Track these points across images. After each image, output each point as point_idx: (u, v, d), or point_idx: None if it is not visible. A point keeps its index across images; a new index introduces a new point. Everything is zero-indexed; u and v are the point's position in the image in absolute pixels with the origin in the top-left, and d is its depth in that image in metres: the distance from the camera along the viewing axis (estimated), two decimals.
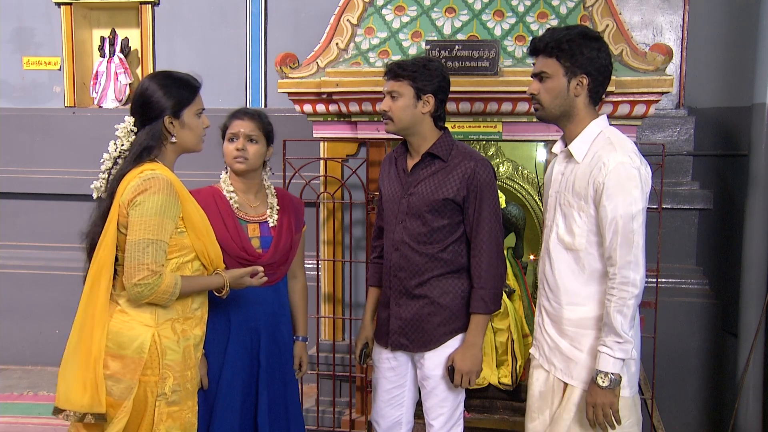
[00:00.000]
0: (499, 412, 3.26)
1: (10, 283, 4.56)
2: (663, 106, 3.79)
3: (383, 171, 2.46)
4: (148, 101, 2.06)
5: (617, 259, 1.94)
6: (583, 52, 2.03)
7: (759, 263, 3.26)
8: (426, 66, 2.26)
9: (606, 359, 1.94)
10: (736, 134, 3.63)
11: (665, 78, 2.89)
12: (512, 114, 3.00)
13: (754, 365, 3.26)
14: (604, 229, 1.96)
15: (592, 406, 1.96)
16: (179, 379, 2.04)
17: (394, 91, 2.26)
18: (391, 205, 2.35)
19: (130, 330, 1.99)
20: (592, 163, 2.00)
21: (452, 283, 2.30)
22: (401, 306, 2.33)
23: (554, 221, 2.10)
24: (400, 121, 2.27)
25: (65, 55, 4.62)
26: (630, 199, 1.94)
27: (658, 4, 3.90)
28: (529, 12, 3.17)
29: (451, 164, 2.28)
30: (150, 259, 1.93)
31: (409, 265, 2.30)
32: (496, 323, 3.47)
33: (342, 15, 3.26)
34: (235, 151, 2.35)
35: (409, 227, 2.29)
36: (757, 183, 3.26)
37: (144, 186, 1.95)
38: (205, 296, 2.16)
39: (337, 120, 3.21)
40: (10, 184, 4.57)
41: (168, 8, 4.56)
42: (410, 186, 2.31)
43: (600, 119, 2.08)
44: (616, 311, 1.93)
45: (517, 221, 3.55)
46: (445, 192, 2.26)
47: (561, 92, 2.05)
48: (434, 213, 2.27)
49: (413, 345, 2.33)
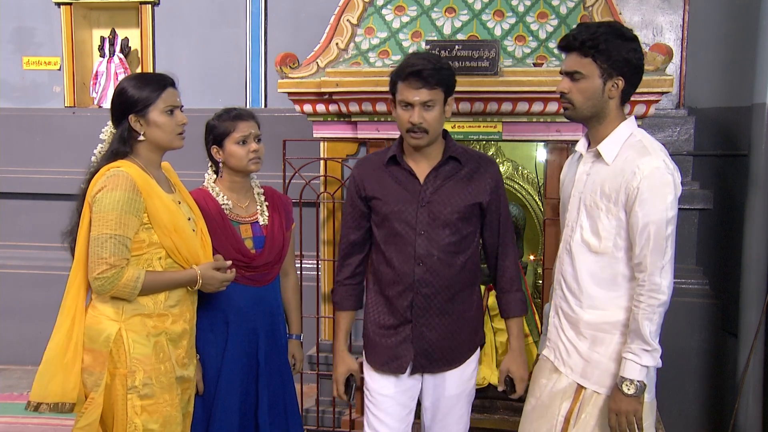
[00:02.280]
0: (499, 412, 3.25)
1: (10, 283, 4.56)
2: (663, 106, 3.79)
3: (367, 178, 2.23)
4: (115, 102, 2.14)
5: (648, 265, 1.91)
6: (620, 53, 1.96)
7: (759, 263, 3.26)
8: (448, 68, 2.14)
9: (632, 366, 1.91)
10: (736, 134, 3.62)
11: (665, 78, 2.88)
12: (512, 114, 2.99)
13: (754, 365, 3.25)
14: (635, 234, 1.92)
15: (616, 414, 1.93)
16: (151, 373, 2.06)
17: (430, 101, 2.09)
18: (402, 216, 2.16)
19: (98, 324, 2.06)
20: (624, 166, 1.95)
21: (472, 294, 2.23)
22: (428, 326, 2.17)
23: (578, 222, 2.05)
24: (435, 132, 2.13)
25: (65, 55, 4.63)
26: (664, 204, 1.91)
27: (658, 4, 3.89)
28: (529, 12, 3.17)
29: (469, 167, 2.19)
30: (108, 253, 1.98)
31: (437, 280, 2.15)
32: (496, 323, 3.46)
33: (342, 15, 3.26)
34: (251, 154, 2.37)
35: (436, 238, 2.14)
36: (757, 183, 3.26)
37: (104, 183, 2.03)
38: (184, 294, 2.17)
39: (337, 120, 3.20)
40: (10, 184, 4.57)
41: (168, 8, 4.56)
42: (426, 193, 2.15)
43: (630, 120, 2.04)
44: (644, 318, 1.90)
45: (517, 221, 3.54)
46: (477, 196, 2.16)
47: (595, 93, 1.98)
48: (464, 220, 2.16)
49: (436, 365, 2.20)
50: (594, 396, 2.01)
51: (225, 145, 2.38)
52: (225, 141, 2.38)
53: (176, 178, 2.33)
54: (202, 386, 2.34)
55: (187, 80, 4.40)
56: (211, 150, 2.43)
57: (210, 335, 2.35)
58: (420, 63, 2.09)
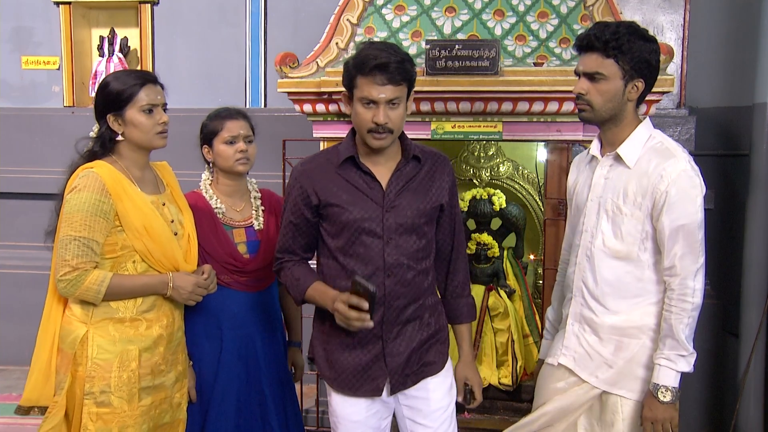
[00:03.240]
0: (500, 412, 3.25)
1: (10, 283, 4.55)
2: (663, 106, 3.77)
3: (317, 183, 1.97)
4: (96, 100, 2.09)
5: (681, 270, 1.89)
6: (642, 54, 1.91)
7: (760, 263, 3.25)
8: (410, 60, 1.93)
9: (667, 373, 1.88)
10: (737, 134, 3.61)
11: (666, 77, 2.87)
12: (512, 114, 2.99)
13: (755, 366, 3.25)
14: (664, 238, 1.90)
15: (651, 422, 1.89)
16: (110, 381, 1.99)
17: (396, 98, 1.89)
18: (366, 224, 1.94)
19: (69, 324, 2.04)
20: (649, 170, 1.92)
21: (436, 301, 2.09)
22: (396, 339, 1.98)
23: (598, 228, 2.01)
24: (399, 131, 1.96)
25: (64, 54, 4.61)
26: (695, 207, 1.90)
27: (658, 4, 3.88)
28: (529, 11, 3.16)
29: (427, 166, 2.02)
30: (70, 256, 1.95)
31: (406, 290, 1.97)
32: (496, 323, 3.46)
33: (342, 14, 3.25)
34: (238, 154, 2.31)
35: (404, 245, 1.95)
36: (758, 183, 3.25)
37: (75, 184, 2.00)
38: (160, 298, 2.09)
39: (337, 120, 3.19)
40: (9, 184, 4.56)
41: (167, 8, 4.54)
42: (390, 197, 1.96)
43: (647, 122, 2.01)
44: (678, 322, 1.88)
45: (517, 221, 3.54)
46: (439, 197, 2.02)
47: (616, 95, 1.93)
48: (428, 223, 2.01)
49: (416, 377, 2.02)
50: (619, 401, 1.98)
51: (214, 145, 2.34)
52: (214, 140, 2.34)
53: (170, 178, 2.27)
54: (195, 393, 2.29)
55: (186, 80, 4.41)
56: (202, 149, 2.39)
57: (204, 341, 2.32)
58: (383, 55, 1.85)
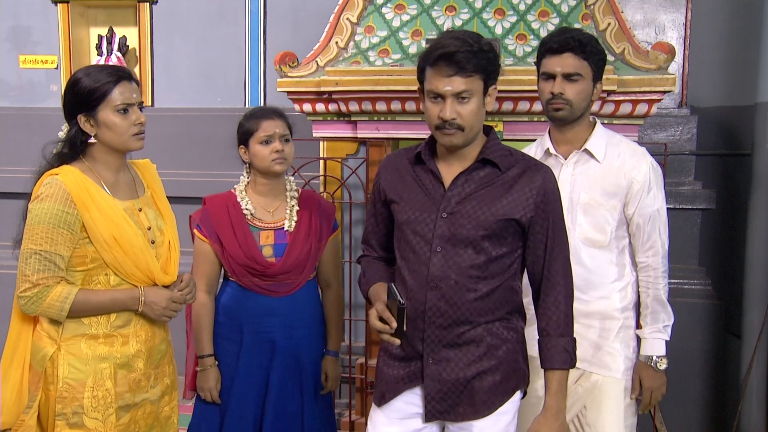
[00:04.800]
0: None
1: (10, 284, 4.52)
2: (665, 105, 3.76)
3: (389, 177, 1.87)
4: (65, 99, 1.91)
5: (660, 248, 2.12)
6: (603, 59, 2.10)
7: (762, 263, 3.23)
8: (490, 49, 1.73)
9: (661, 344, 2.13)
10: (739, 133, 3.60)
11: (667, 77, 2.86)
12: (513, 113, 2.98)
13: (757, 367, 3.23)
14: (644, 222, 2.10)
15: (651, 391, 2.12)
16: (83, 402, 1.84)
17: (466, 91, 1.69)
18: (417, 227, 1.77)
19: (39, 341, 1.90)
20: (620, 163, 2.10)
21: (507, 329, 1.81)
22: (441, 363, 1.77)
23: (575, 221, 2.12)
24: (473, 129, 1.74)
25: (62, 53, 4.59)
26: (663, 193, 2.15)
27: (660, 2, 3.87)
28: (530, 10, 3.14)
29: (511, 174, 1.77)
30: (30, 271, 1.80)
31: (452, 310, 1.74)
32: None
33: (342, 13, 3.23)
34: (274, 154, 2.25)
35: (455, 258, 1.74)
36: (761, 182, 3.23)
37: (37, 193, 1.84)
38: (132, 313, 1.91)
39: (336, 119, 3.18)
40: (8, 184, 4.54)
41: (166, 7, 4.52)
42: (450, 201, 1.76)
43: (599, 121, 2.18)
44: (664, 296, 2.14)
45: None
46: (511, 210, 1.74)
47: (588, 95, 2.09)
48: (493, 238, 1.74)
49: (458, 412, 1.78)
50: (606, 381, 2.14)
51: (250, 145, 2.28)
52: (250, 141, 2.28)
53: (152, 179, 2.08)
54: (216, 394, 2.27)
55: (185, 79, 4.39)
56: (239, 150, 2.34)
57: (225, 343, 2.31)
58: (453, 44, 1.67)
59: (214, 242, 2.30)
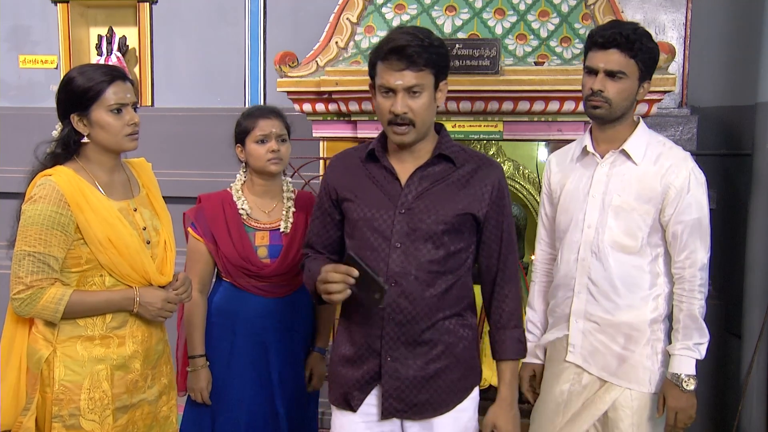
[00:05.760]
0: None
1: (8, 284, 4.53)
2: (665, 105, 3.76)
3: (339, 176, 1.86)
4: (58, 98, 1.90)
5: (698, 260, 1.96)
6: (654, 56, 1.95)
7: (763, 264, 3.23)
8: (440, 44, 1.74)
9: (689, 362, 1.96)
10: (739, 133, 3.60)
11: (668, 77, 2.86)
12: (513, 113, 2.97)
13: (757, 367, 3.23)
14: (678, 231, 1.95)
15: (676, 412, 1.94)
16: (79, 404, 1.84)
17: (417, 85, 1.70)
18: (374, 224, 1.78)
19: (35, 343, 1.89)
20: (661, 166, 1.96)
21: (462, 326, 1.84)
22: (400, 361, 1.78)
23: (605, 224, 2.00)
24: (424, 124, 1.76)
25: (62, 53, 4.59)
26: (706, 200, 2.01)
27: (660, 2, 3.87)
28: (530, 10, 3.14)
29: (465, 169, 1.81)
30: (24, 273, 1.78)
31: (411, 306, 1.76)
32: None
33: (342, 13, 3.23)
34: (269, 153, 2.24)
35: (415, 254, 1.75)
36: (761, 183, 3.23)
37: (30, 194, 1.84)
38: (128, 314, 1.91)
39: (336, 119, 3.18)
40: (7, 184, 4.53)
41: (166, 6, 4.52)
42: (407, 197, 1.77)
43: (642, 122, 2.05)
44: (699, 313, 1.96)
45: (518, 221, 3.52)
46: (469, 205, 1.78)
47: (631, 95, 1.97)
48: (452, 233, 1.77)
49: (417, 410, 1.79)
50: (629, 394, 2.01)
51: (246, 144, 2.28)
52: (246, 139, 2.27)
53: (147, 178, 2.07)
54: (207, 395, 2.25)
55: (185, 79, 4.39)
56: (236, 149, 2.33)
57: (216, 342, 2.29)
58: (404, 38, 1.67)
59: (208, 241, 2.28)
